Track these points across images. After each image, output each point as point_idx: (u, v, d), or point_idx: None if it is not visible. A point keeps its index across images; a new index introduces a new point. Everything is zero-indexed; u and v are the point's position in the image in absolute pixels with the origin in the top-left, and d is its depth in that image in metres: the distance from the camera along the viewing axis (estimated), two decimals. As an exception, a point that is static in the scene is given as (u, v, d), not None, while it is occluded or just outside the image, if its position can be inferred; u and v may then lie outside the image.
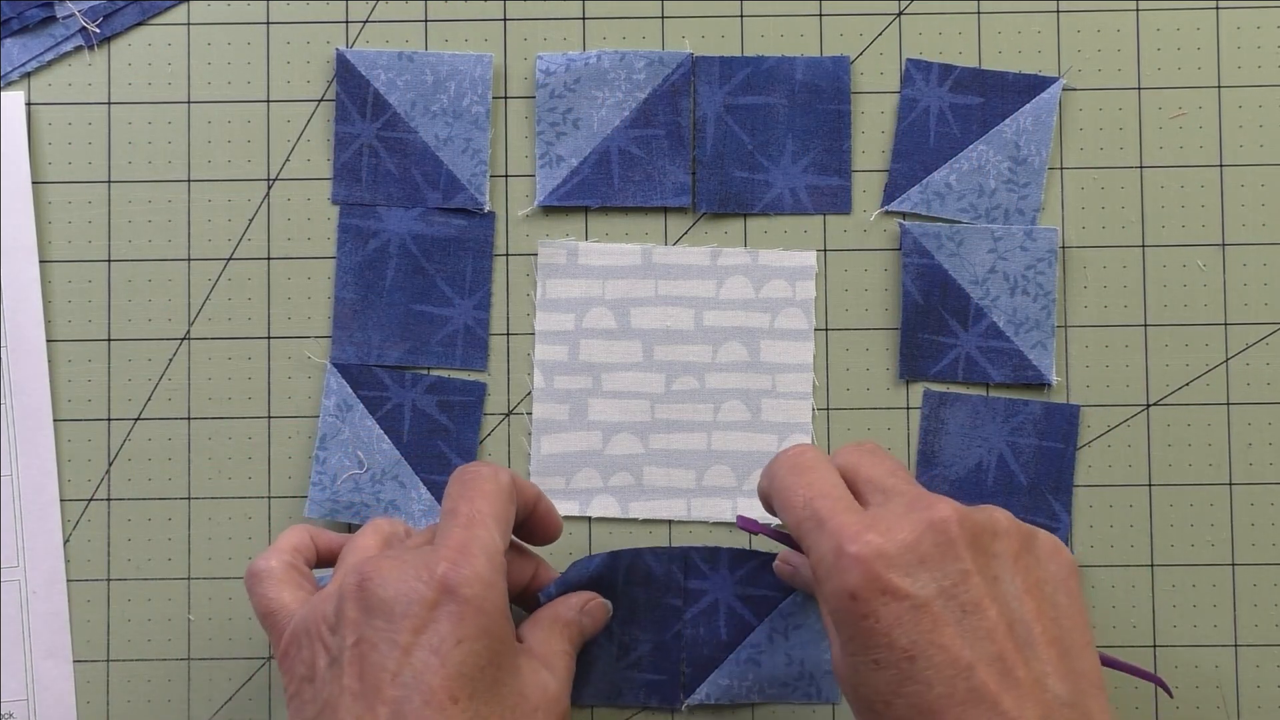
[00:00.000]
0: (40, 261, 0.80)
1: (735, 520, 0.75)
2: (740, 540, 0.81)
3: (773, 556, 0.79)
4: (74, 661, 0.81)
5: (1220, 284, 0.81)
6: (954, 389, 0.81)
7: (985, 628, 0.60)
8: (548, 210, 0.81)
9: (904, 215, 0.81)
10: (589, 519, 0.81)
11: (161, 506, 0.81)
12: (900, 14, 0.81)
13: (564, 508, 0.80)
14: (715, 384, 0.80)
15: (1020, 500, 0.80)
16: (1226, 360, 0.80)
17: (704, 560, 0.80)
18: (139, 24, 0.81)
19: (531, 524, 0.73)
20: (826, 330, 0.81)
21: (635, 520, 0.80)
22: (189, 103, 0.81)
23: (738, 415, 0.80)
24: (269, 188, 0.81)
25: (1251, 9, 0.81)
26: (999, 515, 0.63)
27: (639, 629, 0.80)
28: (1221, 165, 0.81)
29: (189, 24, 0.81)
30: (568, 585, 0.77)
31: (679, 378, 0.81)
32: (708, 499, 0.80)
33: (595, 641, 0.79)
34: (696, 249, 0.81)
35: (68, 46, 0.81)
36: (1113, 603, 0.80)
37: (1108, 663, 0.68)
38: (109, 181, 0.81)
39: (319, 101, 0.81)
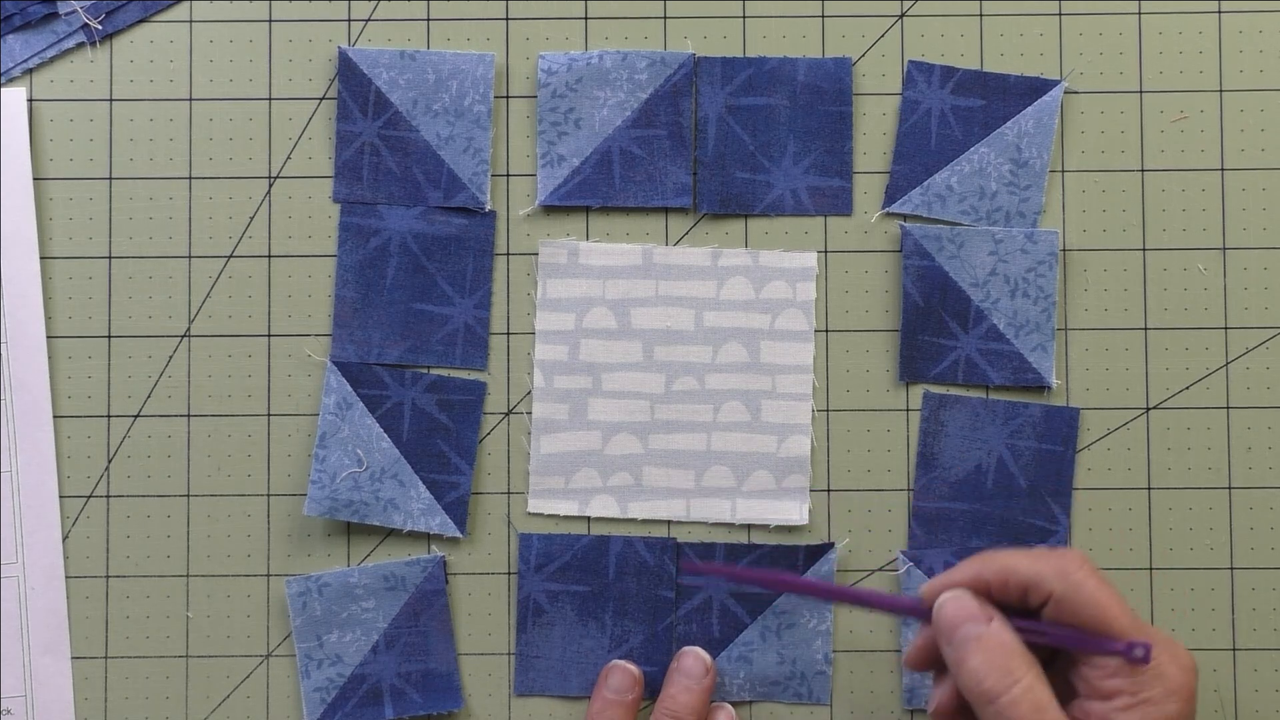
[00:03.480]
0: (41, 258, 0.80)
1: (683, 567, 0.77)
2: (735, 537, 0.81)
3: (766, 551, 0.80)
4: (72, 658, 0.81)
5: (1220, 287, 0.81)
6: (954, 391, 0.81)
7: None
8: (549, 210, 0.81)
9: (905, 217, 0.81)
10: (588, 519, 0.81)
11: (160, 504, 0.81)
12: (902, 16, 0.81)
13: (563, 507, 0.80)
14: (715, 385, 0.80)
15: (1019, 503, 0.80)
16: (1226, 364, 0.80)
17: (698, 556, 0.80)
18: (141, 21, 0.81)
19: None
20: (827, 332, 0.81)
21: (634, 520, 0.80)
22: (191, 100, 0.81)
23: (737, 416, 0.80)
24: (270, 185, 0.81)
25: (1253, 12, 0.81)
26: None
27: (631, 620, 0.80)
28: (1223, 169, 0.81)
29: (191, 21, 0.81)
30: (549, 556, 0.80)
31: (679, 378, 0.81)
32: (707, 499, 0.80)
33: (588, 633, 0.80)
34: (697, 249, 0.81)
35: (70, 43, 0.81)
36: (1111, 606, 0.80)
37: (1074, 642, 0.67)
38: (110, 178, 0.81)
39: (321, 100, 0.81)
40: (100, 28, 0.81)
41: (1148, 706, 0.63)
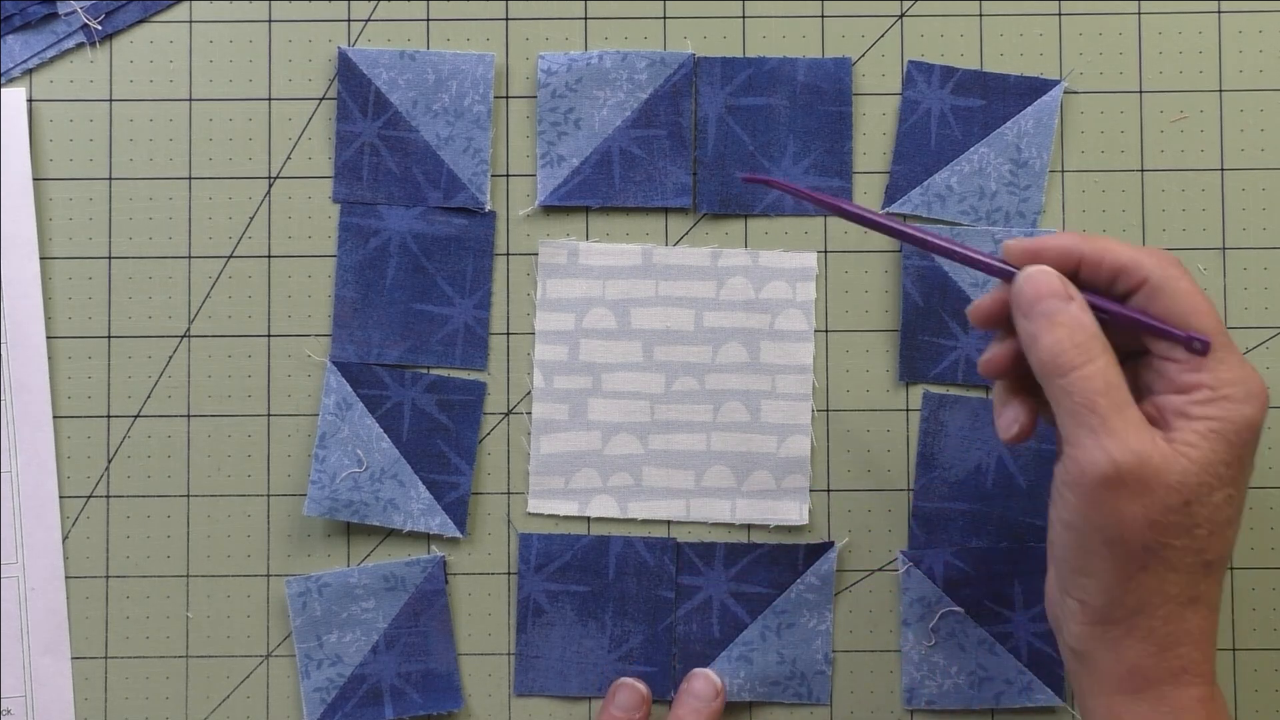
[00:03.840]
0: (41, 258, 0.80)
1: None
2: (735, 536, 0.81)
3: (766, 551, 0.80)
4: (72, 658, 0.81)
5: (1221, 287, 0.81)
6: (954, 391, 0.81)
7: None
8: (548, 210, 0.81)
9: (905, 217, 0.81)
10: (588, 519, 0.81)
11: (160, 504, 0.81)
12: (902, 16, 0.81)
13: (563, 507, 0.80)
14: (715, 385, 0.80)
15: (1019, 503, 0.80)
16: (1226, 364, 0.80)
17: (698, 555, 0.80)
18: (141, 21, 0.81)
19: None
20: (827, 332, 0.81)
21: (634, 520, 0.80)
22: (190, 100, 0.81)
23: (737, 416, 0.80)
24: (270, 186, 0.81)
25: (1253, 12, 0.81)
26: None
27: (631, 621, 0.80)
28: (1222, 169, 0.81)
29: (191, 22, 0.81)
30: (549, 556, 0.80)
31: (679, 378, 0.81)
32: (707, 500, 0.80)
33: (588, 633, 0.80)
34: (697, 250, 0.81)
35: (69, 43, 0.81)
36: (1111, 606, 0.80)
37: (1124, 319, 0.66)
38: (110, 179, 0.81)
39: (320, 100, 0.81)
40: (100, 28, 0.81)
41: (1227, 403, 0.63)
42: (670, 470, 0.80)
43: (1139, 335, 0.65)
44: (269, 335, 0.81)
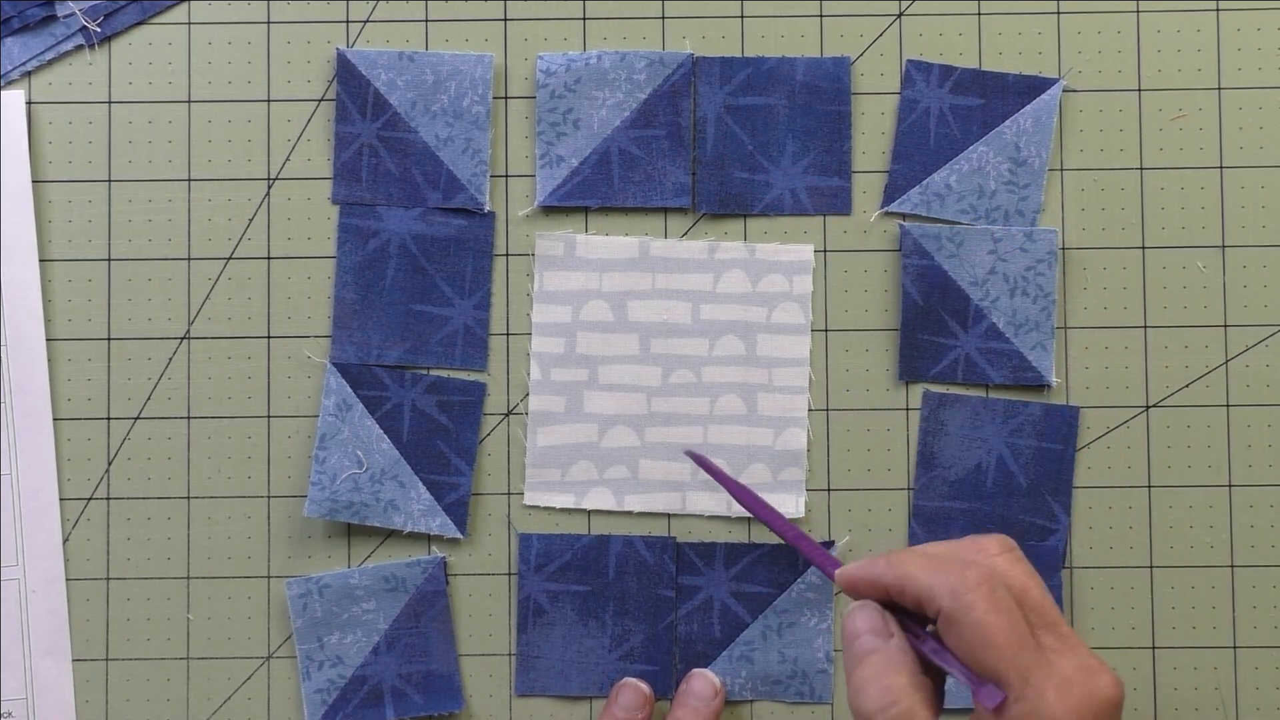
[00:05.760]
0: (40, 260, 0.81)
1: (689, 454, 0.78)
2: (735, 536, 0.81)
3: (766, 550, 0.80)
4: (73, 660, 0.81)
5: (1220, 286, 0.80)
6: (954, 390, 0.81)
7: None
8: (548, 210, 0.81)
9: (904, 216, 0.81)
10: (585, 511, 0.81)
11: (161, 506, 0.81)
12: (901, 15, 0.81)
13: (559, 500, 0.80)
14: (712, 378, 0.80)
15: (1019, 502, 0.80)
16: (1226, 362, 0.80)
17: (698, 555, 0.80)
18: (139, 23, 0.81)
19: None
20: (826, 331, 0.81)
21: (631, 513, 0.80)
22: (189, 102, 0.81)
23: (734, 409, 0.80)
24: (269, 187, 0.81)
25: (1252, 11, 0.81)
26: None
27: (631, 620, 0.80)
28: (1222, 167, 0.81)
29: (189, 23, 0.81)
30: (549, 556, 0.80)
31: (675, 371, 0.80)
32: (703, 492, 0.80)
33: (588, 632, 0.80)
34: (694, 243, 0.81)
35: (68, 45, 0.81)
36: (1111, 604, 0.80)
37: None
38: (109, 180, 0.81)
39: (319, 101, 0.81)
40: (99, 30, 0.81)
41: None
42: (667, 463, 0.80)
43: None
44: (269, 336, 0.81)
